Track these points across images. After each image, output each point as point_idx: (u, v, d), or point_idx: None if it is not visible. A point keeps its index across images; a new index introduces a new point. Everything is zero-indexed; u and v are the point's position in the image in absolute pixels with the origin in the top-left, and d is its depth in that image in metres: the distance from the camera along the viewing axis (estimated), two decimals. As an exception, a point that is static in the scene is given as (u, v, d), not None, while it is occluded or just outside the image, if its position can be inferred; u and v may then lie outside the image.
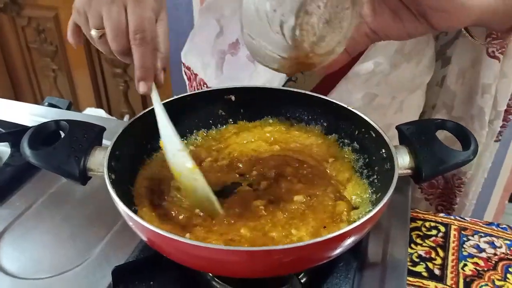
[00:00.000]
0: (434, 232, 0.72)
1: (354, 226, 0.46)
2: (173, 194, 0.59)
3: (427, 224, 0.74)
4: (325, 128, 0.70)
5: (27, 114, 0.94)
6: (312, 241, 0.44)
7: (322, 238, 0.45)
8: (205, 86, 0.91)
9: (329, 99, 0.67)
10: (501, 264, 0.67)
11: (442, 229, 0.73)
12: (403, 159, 0.57)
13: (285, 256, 0.45)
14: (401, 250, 0.64)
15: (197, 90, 0.81)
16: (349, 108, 0.65)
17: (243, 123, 0.72)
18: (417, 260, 0.68)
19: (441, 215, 0.75)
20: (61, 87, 2.32)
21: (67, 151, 0.55)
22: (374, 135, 0.61)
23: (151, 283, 0.58)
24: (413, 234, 0.72)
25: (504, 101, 0.78)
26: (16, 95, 2.42)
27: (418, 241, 0.71)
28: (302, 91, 0.69)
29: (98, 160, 0.55)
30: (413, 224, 0.73)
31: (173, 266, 0.55)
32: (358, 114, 0.63)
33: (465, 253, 0.68)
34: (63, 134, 0.58)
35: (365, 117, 0.63)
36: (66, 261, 0.62)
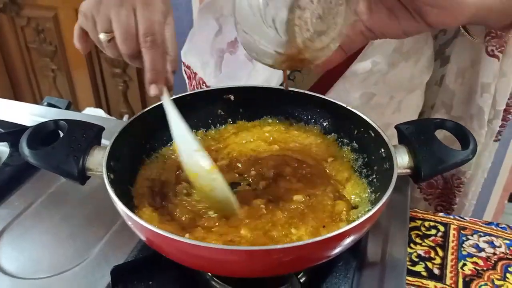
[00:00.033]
0: (433, 231, 0.72)
1: (353, 225, 0.46)
2: (181, 197, 0.59)
3: (426, 223, 0.74)
4: (324, 128, 0.70)
5: (26, 114, 0.94)
6: (311, 241, 0.44)
7: (321, 237, 0.44)
8: (204, 85, 0.91)
9: (329, 98, 0.67)
10: (500, 264, 0.67)
11: (442, 228, 0.73)
12: (402, 159, 0.57)
13: (284, 256, 0.45)
14: (400, 249, 0.64)
15: (196, 90, 0.81)
16: (348, 107, 0.65)
17: (242, 122, 0.72)
18: (416, 259, 0.67)
19: (441, 214, 0.75)
20: (60, 87, 2.32)
21: (66, 150, 0.55)
22: (373, 134, 0.61)
23: (150, 282, 0.58)
24: (413, 233, 0.72)
25: (503, 100, 0.78)
26: (16, 95, 2.42)
27: (418, 240, 0.71)
28: (302, 90, 0.69)
29: (97, 160, 0.55)
30: (412, 224, 0.73)
31: (172, 266, 0.55)
32: (357, 114, 0.63)
33: (464, 252, 0.68)
34: (62, 134, 0.57)
35: (364, 116, 0.63)
36: (65, 261, 0.62)
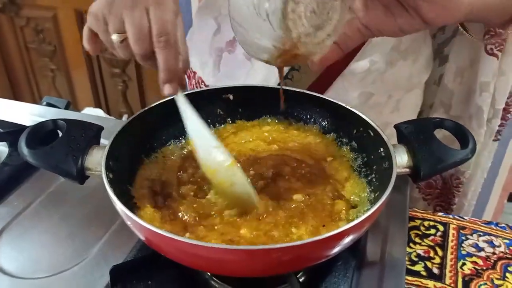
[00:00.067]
0: (432, 231, 0.72)
1: (352, 224, 0.46)
2: (187, 198, 0.59)
3: (425, 223, 0.74)
4: (323, 127, 0.70)
5: (25, 113, 0.94)
6: (310, 240, 0.44)
7: (320, 236, 0.44)
8: (203, 84, 0.91)
9: (328, 98, 0.67)
10: (500, 263, 0.67)
11: (441, 228, 0.73)
12: (401, 158, 0.57)
13: (283, 255, 0.45)
14: (399, 249, 0.64)
15: (195, 89, 0.81)
16: (347, 107, 0.65)
17: (241, 122, 0.72)
18: (415, 259, 0.67)
19: (440, 214, 0.75)
20: (59, 87, 2.32)
21: (64, 150, 0.55)
22: (372, 134, 0.61)
23: (149, 282, 0.58)
24: (412, 233, 0.72)
25: (502, 99, 0.78)
26: (15, 95, 2.42)
27: (417, 240, 0.70)
28: (301, 90, 0.69)
29: (96, 159, 0.55)
30: (411, 223, 0.73)
31: (171, 265, 0.55)
32: (356, 113, 0.63)
33: (464, 252, 0.68)
34: (61, 134, 0.57)
35: (363, 116, 0.63)
36: (64, 260, 0.62)
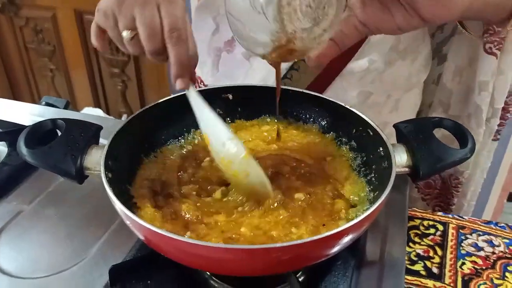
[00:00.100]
0: (432, 230, 0.72)
1: (351, 224, 0.46)
2: (189, 197, 0.59)
3: (425, 222, 0.74)
4: (322, 127, 0.70)
5: (25, 113, 0.94)
6: (309, 239, 0.44)
7: (319, 236, 0.44)
8: (202, 83, 0.91)
9: (327, 97, 0.67)
10: (499, 263, 0.67)
11: (440, 227, 0.73)
12: (400, 157, 0.57)
13: (283, 254, 0.45)
14: (399, 248, 0.64)
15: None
16: (347, 106, 0.65)
17: (240, 122, 0.72)
18: (415, 258, 0.67)
19: (439, 213, 0.75)
20: (58, 87, 2.32)
21: (63, 149, 0.55)
22: (371, 133, 0.61)
23: (148, 282, 0.58)
24: (411, 232, 0.72)
25: (501, 98, 0.78)
26: (14, 95, 2.42)
27: (416, 239, 0.70)
28: (300, 89, 0.69)
29: (95, 159, 0.55)
30: (411, 223, 0.73)
31: (170, 265, 0.55)
32: (355, 113, 0.63)
33: (463, 251, 0.68)
34: (60, 133, 0.57)
35: (363, 115, 0.63)
36: (64, 260, 0.62)
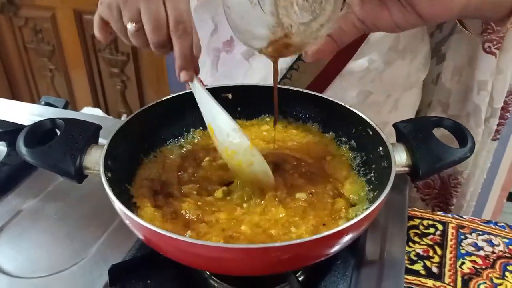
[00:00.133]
0: (432, 230, 0.72)
1: (351, 223, 0.46)
2: (189, 197, 0.59)
3: (425, 222, 0.74)
4: (322, 126, 0.70)
5: (24, 113, 0.94)
6: (309, 239, 0.44)
7: (319, 235, 0.44)
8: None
9: (326, 97, 0.67)
10: (499, 262, 0.67)
11: (440, 227, 0.73)
12: (400, 157, 0.57)
13: (282, 254, 0.45)
14: (398, 248, 0.64)
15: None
16: (346, 106, 0.65)
17: (240, 121, 0.72)
18: (415, 258, 0.67)
19: (439, 213, 0.75)
20: (58, 87, 2.32)
21: (63, 149, 0.54)
22: (371, 133, 0.61)
23: (148, 281, 0.57)
24: (411, 232, 0.72)
25: (500, 98, 0.78)
26: (14, 95, 2.42)
27: (416, 239, 0.70)
28: (299, 89, 0.69)
29: (94, 159, 0.55)
30: (411, 223, 0.73)
31: (170, 265, 0.55)
32: (355, 112, 0.63)
33: (463, 251, 0.68)
34: (59, 133, 0.57)
35: (362, 115, 0.62)
36: (63, 260, 0.62)
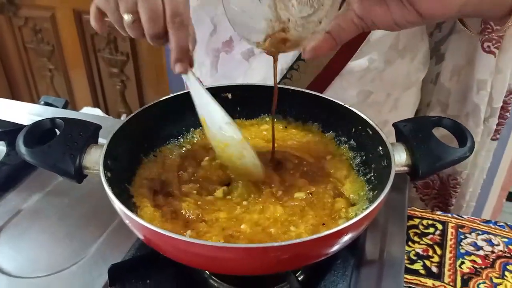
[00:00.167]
0: (431, 230, 0.72)
1: (350, 223, 0.46)
2: (189, 196, 0.59)
3: (424, 222, 0.74)
4: (322, 126, 0.70)
5: (23, 113, 0.94)
6: (308, 238, 0.44)
7: (319, 234, 0.44)
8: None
9: (326, 97, 0.67)
10: (498, 262, 0.67)
11: (440, 227, 0.73)
12: (400, 156, 0.57)
13: (282, 253, 0.45)
14: (398, 247, 0.64)
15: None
16: (346, 105, 0.65)
17: (240, 121, 0.72)
18: (414, 258, 0.67)
19: (439, 213, 0.75)
20: (57, 87, 2.32)
21: (62, 149, 0.54)
22: (370, 132, 0.61)
23: (147, 281, 0.57)
24: (411, 232, 0.72)
25: (500, 97, 0.78)
26: (13, 95, 2.42)
27: (416, 239, 0.71)
28: (299, 89, 0.69)
29: (94, 158, 0.55)
30: (410, 222, 0.73)
31: (169, 264, 0.55)
32: (354, 112, 0.63)
33: (462, 250, 0.68)
34: (58, 132, 0.57)
35: (362, 114, 0.62)
36: (63, 259, 0.62)
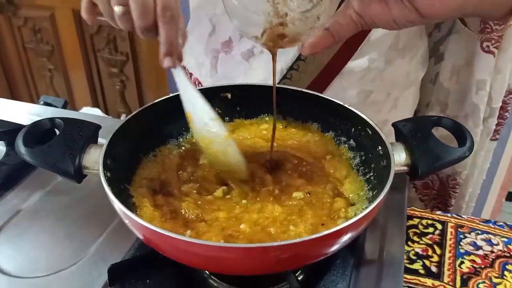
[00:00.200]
0: (431, 229, 0.72)
1: (350, 222, 0.46)
2: (189, 196, 0.59)
3: (424, 221, 0.74)
4: (321, 126, 0.70)
5: (23, 113, 0.93)
6: (308, 238, 0.44)
7: (318, 234, 0.44)
8: (199, 85, 0.91)
9: (326, 96, 0.67)
10: (498, 262, 0.67)
11: (439, 226, 0.73)
12: (399, 156, 0.57)
13: (281, 253, 0.45)
14: (398, 247, 0.64)
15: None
16: (345, 105, 0.65)
17: (239, 121, 0.72)
18: (414, 257, 0.68)
19: (438, 212, 0.75)
20: (57, 87, 2.32)
21: (62, 148, 0.54)
22: (370, 132, 0.61)
23: (147, 281, 0.57)
24: (410, 231, 0.72)
25: (499, 97, 0.78)
26: (13, 95, 2.42)
27: (415, 238, 0.71)
28: (299, 88, 0.69)
29: (94, 158, 0.55)
30: (410, 222, 0.73)
31: (169, 264, 0.55)
32: (354, 112, 0.63)
33: (462, 250, 0.68)
34: (58, 132, 0.57)
35: (362, 114, 0.62)
36: (62, 259, 0.62)
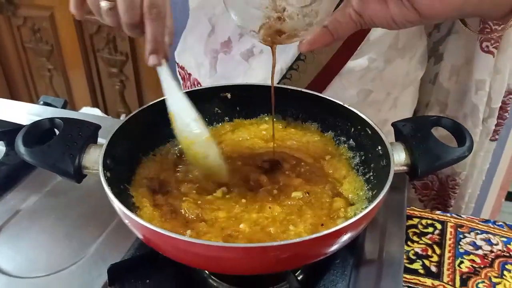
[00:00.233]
0: (430, 229, 0.72)
1: (349, 222, 0.46)
2: (188, 196, 0.59)
3: (423, 221, 0.74)
4: (321, 126, 0.70)
5: (22, 113, 0.93)
6: (308, 237, 0.44)
7: (318, 234, 0.44)
8: (199, 85, 0.91)
9: (325, 96, 0.67)
10: (497, 261, 0.67)
11: (439, 226, 0.73)
12: (399, 156, 0.57)
13: (281, 253, 0.45)
14: (397, 247, 0.64)
15: (193, 88, 0.81)
16: (345, 105, 0.65)
17: (239, 120, 0.72)
18: (413, 257, 0.68)
19: (438, 212, 0.76)
20: (56, 87, 2.31)
21: (61, 148, 0.54)
22: (370, 132, 0.61)
23: (147, 281, 0.57)
24: (410, 231, 0.72)
25: (498, 98, 0.78)
26: (12, 95, 2.41)
27: (415, 238, 0.71)
28: (298, 88, 0.69)
29: (93, 158, 0.55)
30: (409, 222, 0.73)
31: (169, 264, 0.55)
32: (353, 111, 0.63)
33: (461, 250, 0.69)
34: (58, 132, 0.57)
35: (361, 114, 0.63)
36: (62, 259, 0.62)
